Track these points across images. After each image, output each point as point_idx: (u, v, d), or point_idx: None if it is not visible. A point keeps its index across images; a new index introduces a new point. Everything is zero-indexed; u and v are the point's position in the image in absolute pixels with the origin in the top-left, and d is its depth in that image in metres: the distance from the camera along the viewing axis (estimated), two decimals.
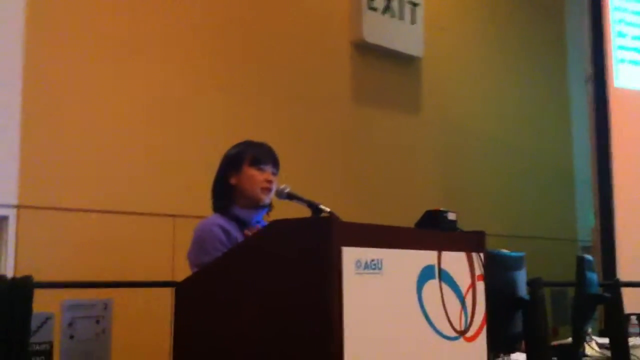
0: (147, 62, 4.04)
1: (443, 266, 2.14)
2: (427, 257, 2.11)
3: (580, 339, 3.03)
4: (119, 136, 3.88)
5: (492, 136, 6.21)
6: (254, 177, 2.66)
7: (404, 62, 5.49)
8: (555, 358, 2.89)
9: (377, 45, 5.21)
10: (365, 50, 5.21)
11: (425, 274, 2.08)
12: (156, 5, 4.12)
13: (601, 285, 3.47)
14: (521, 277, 2.72)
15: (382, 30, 5.20)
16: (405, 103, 5.56)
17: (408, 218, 5.22)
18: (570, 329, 3.83)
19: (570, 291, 5.25)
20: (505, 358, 2.72)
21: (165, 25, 4.15)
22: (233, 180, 2.68)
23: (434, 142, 5.74)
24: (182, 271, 3.74)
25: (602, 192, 5.24)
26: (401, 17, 5.32)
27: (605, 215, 5.22)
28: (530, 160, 6.56)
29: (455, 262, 2.20)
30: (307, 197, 2.60)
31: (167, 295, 3.70)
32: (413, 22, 5.41)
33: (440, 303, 2.12)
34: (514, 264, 2.67)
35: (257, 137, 4.04)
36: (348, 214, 2.71)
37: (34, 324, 2.91)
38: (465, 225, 2.53)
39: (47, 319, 3.50)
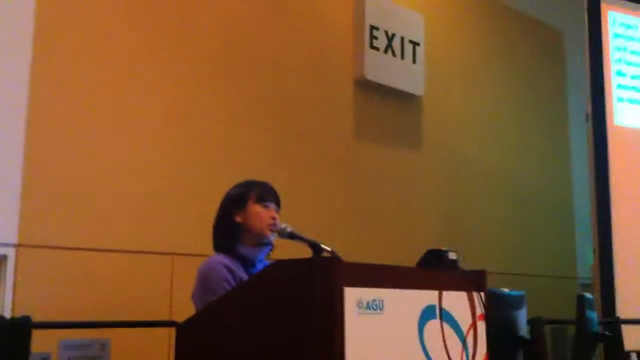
0: (146, 98, 4.07)
1: (444, 306, 2.14)
2: (428, 296, 2.10)
3: None
4: (117, 175, 3.89)
5: (492, 173, 6.24)
6: (260, 214, 2.66)
7: (405, 99, 5.54)
8: None
9: (379, 83, 5.26)
10: (367, 88, 5.25)
11: (427, 314, 2.08)
12: (154, 38, 4.16)
13: (601, 323, 3.45)
14: (522, 316, 2.71)
15: (384, 69, 5.26)
16: (406, 139, 5.60)
17: (408, 253, 5.21)
18: None
19: (570, 329, 5.24)
20: None
21: (167, 59, 4.19)
22: (238, 218, 2.67)
23: (435, 178, 5.77)
24: (181, 310, 3.73)
25: (601, 230, 5.24)
26: (402, 57, 5.39)
27: (605, 253, 5.21)
28: (530, 197, 6.58)
29: (456, 302, 2.20)
30: (307, 234, 2.60)
31: (165, 335, 3.69)
32: (414, 61, 5.48)
33: (442, 343, 2.11)
34: (515, 302, 2.67)
35: (258, 173, 4.05)
36: (348, 249, 2.72)
37: None
38: (465, 262, 2.53)
39: (44, 359, 3.48)
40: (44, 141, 3.63)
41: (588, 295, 3.07)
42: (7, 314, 3.34)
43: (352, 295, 1.85)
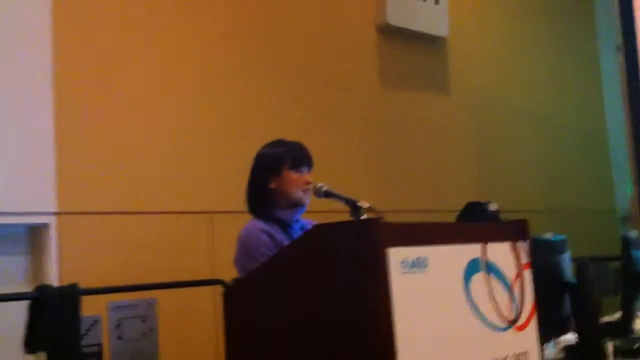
0: (174, 59, 4.04)
1: (489, 258, 2.12)
2: (472, 250, 2.09)
3: (630, 316, 3.01)
4: (152, 136, 3.90)
5: (523, 111, 6.13)
6: (295, 180, 2.64)
7: (429, 43, 5.41)
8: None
9: (402, 28, 5.13)
10: (390, 34, 5.14)
11: (472, 268, 2.07)
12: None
13: None
14: (566, 260, 2.69)
15: (406, 12, 5.12)
16: (433, 84, 5.50)
17: (442, 201, 5.22)
18: (612, 300, 3.82)
19: (611, 262, 5.20)
20: (556, 341, 2.71)
21: (189, 16, 4.14)
22: (273, 185, 2.66)
23: (465, 121, 5.68)
24: (222, 267, 3.80)
25: (639, 160, 5.15)
26: None
27: None
28: (564, 133, 6.47)
29: (501, 253, 2.18)
30: (335, 186, 2.61)
31: (209, 291, 3.76)
32: (436, 1, 5.33)
33: (488, 295, 2.11)
34: (558, 247, 2.65)
35: (285, 127, 4.04)
36: (379, 201, 2.70)
37: (82, 327, 2.96)
38: (502, 204, 2.50)
39: (95, 321, 3.57)
40: (74, 107, 3.63)
41: (632, 234, 3.04)
42: (55, 280, 3.42)
43: (396, 256, 1.84)
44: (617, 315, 3.19)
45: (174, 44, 4.06)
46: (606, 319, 3.16)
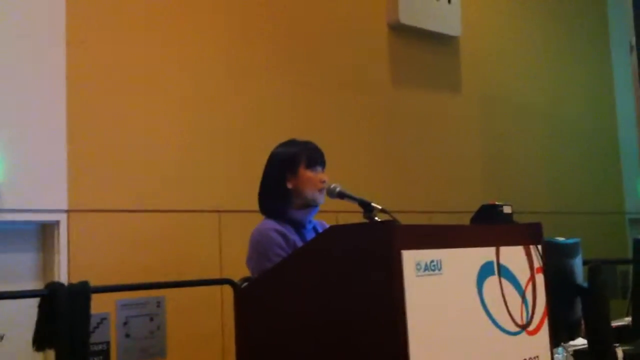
0: (185, 59, 4.04)
1: (502, 261, 2.11)
2: (486, 253, 2.08)
3: None
4: (161, 135, 3.91)
5: (534, 111, 6.11)
6: (311, 179, 2.63)
7: (441, 42, 5.41)
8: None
9: (414, 27, 5.15)
10: (403, 32, 5.14)
11: (485, 271, 2.06)
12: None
13: None
14: (578, 263, 2.68)
15: (418, 11, 5.14)
16: (445, 83, 5.49)
17: (452, 199, 5.20)
18: (620, 302, 3.80)
19: (620, 266, 5.20)
20: (566, 345, 2.69)
21: (199, 16, 4.14)
22: (290, 184, 2.65)
23: (476, 121, 5.67)
24: (230, 265, 3.81)
25: None
26: None
27: None
28: (575, 134, 6.45)
29: (514, 257, 2.17)
30: (347, 183, 2.61)
31: (217, 289, 3.77)
32: (449, 1, 5.33)
33: (501, 299, 2.10)
34: (570, 251, 2.64)
35: (296, 126, 4.03)
36: (389, 200, 2.70)
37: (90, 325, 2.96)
38: (511, 204, 2.48)
39: (103, 319, 3.58)
40: (85, 109, 3.65)
41: None
42: (64, 278, 3.43)
43: (410, 258, 1.84)
44: (626, 319, 3.17)
45: (186, 44, 4.06)
46: (614, 323, 3.14)
